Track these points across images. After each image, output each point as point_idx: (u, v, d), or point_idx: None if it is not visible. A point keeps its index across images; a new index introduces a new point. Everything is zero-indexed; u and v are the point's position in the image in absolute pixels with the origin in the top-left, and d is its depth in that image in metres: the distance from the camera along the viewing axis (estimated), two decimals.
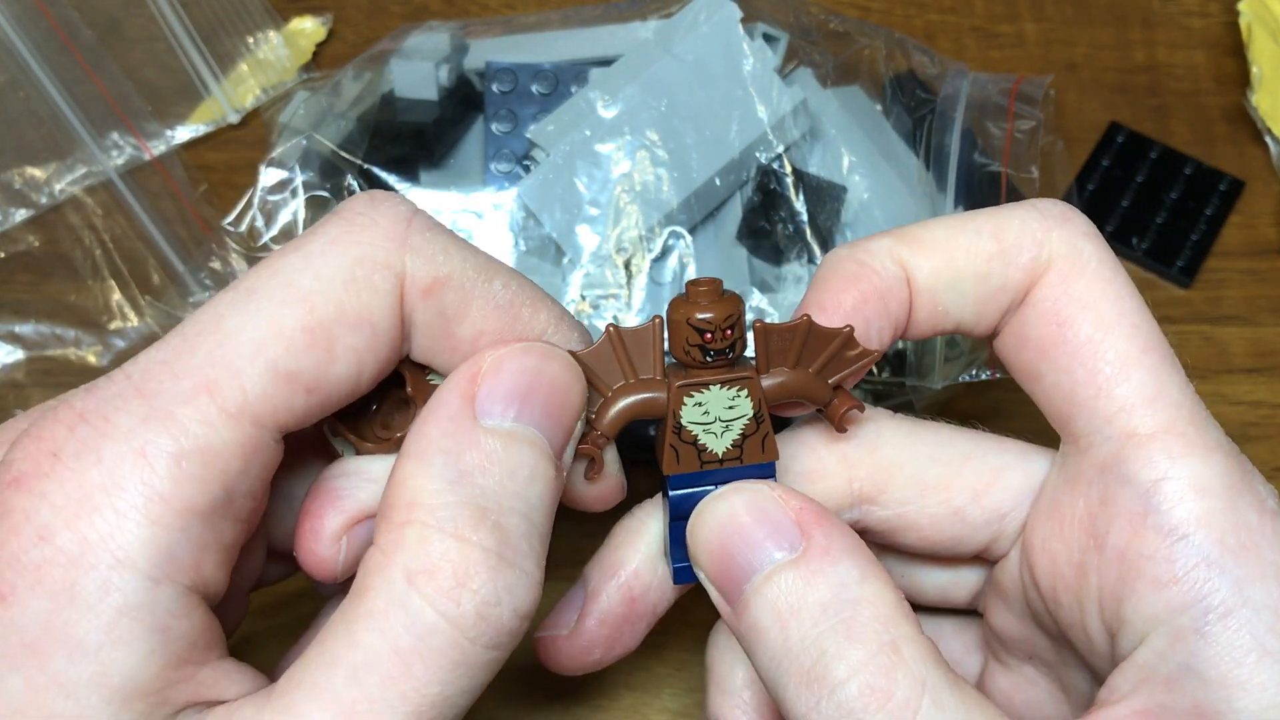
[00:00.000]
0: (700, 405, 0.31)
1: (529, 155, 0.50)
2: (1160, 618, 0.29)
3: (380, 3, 0.66)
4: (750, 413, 0.31)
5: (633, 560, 0.34)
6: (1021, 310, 0.32)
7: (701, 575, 0.31)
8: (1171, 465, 0.30)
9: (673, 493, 0.32)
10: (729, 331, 0.30)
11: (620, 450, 0.33)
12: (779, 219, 0.49)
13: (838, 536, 0.29)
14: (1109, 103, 0.63)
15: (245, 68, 0.63)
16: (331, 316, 0.28)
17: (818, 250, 0.49)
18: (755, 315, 0.48)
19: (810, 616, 0.28)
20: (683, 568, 0.32)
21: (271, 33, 0.63)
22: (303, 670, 0.27)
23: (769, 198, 0.49)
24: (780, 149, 0.49)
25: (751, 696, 0.36)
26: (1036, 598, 0.33)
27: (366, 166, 0.50)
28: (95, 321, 0.57)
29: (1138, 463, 0.30)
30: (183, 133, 0.61)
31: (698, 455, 0.32)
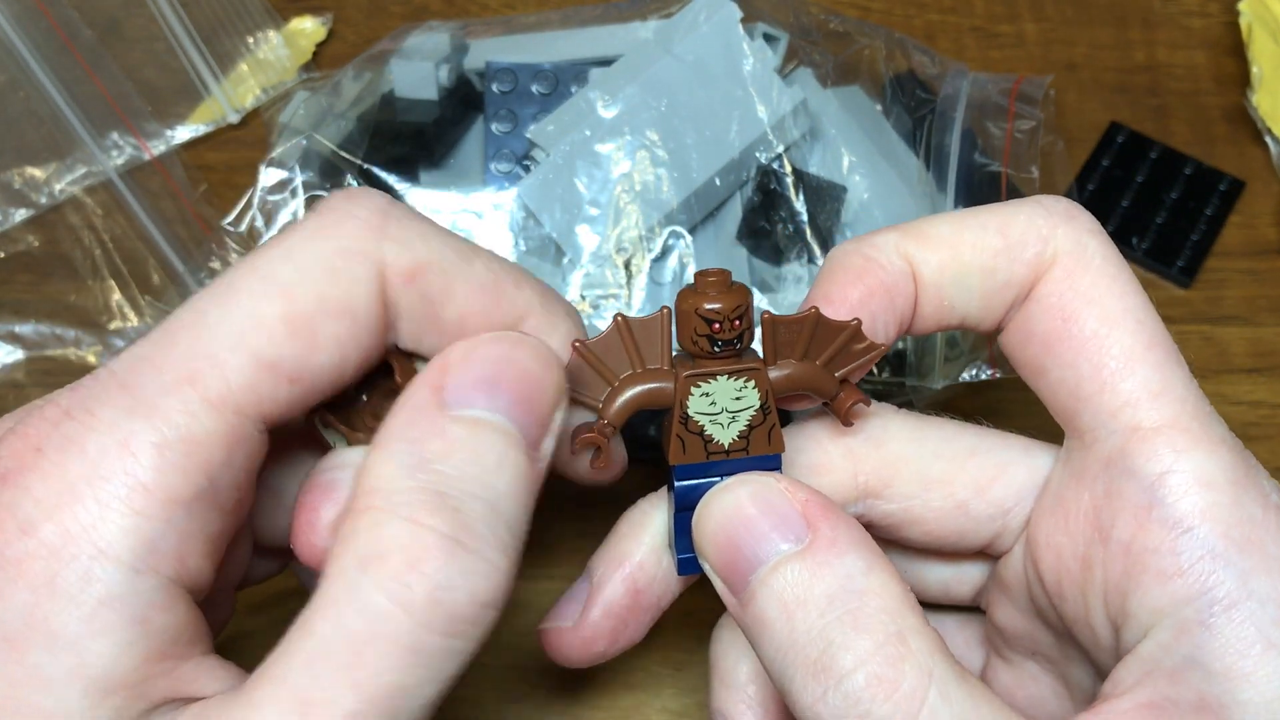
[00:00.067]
0: (707, 396, 0.31)
1: (529, 155, 0.50)
2: (1165, 610, 0.29)
3: (380, 3, 0.66)
4: (757, 404, 0.31)
5: (638, 552, 0.34)
6: (1026, 306, 0.32)
7: (707, 566, 0.31)
8: (1176, 459, 0.30)
9: (678, 484, 0.32)
10: (737, 322, 0.30)
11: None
12: (779, 219, 0.49)
13: (843, 528, 0.29)
14: (1109, 103, 0.63)
15: (245, 68, 0.63)
16: (312, 306, 0.28)
17: (818, 250, 0.49)
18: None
19: (816, 607, 0.28)
20: (688, 559, 0.32)
21: (271, 33, 0.63)
22: (266, 664, 0.27)
23: (769, 198, 0.49)
24: (780, 149, 0.49)
25: (756, 691, 0.36)
26: (1041, 592, 0.33)
27: (366, 166, 0.50)
28: (95, 321, 0.56)
29: (1143, 456, 0.30)
30: (183, 133, 0.61)
31: (704, 446, 0.32)
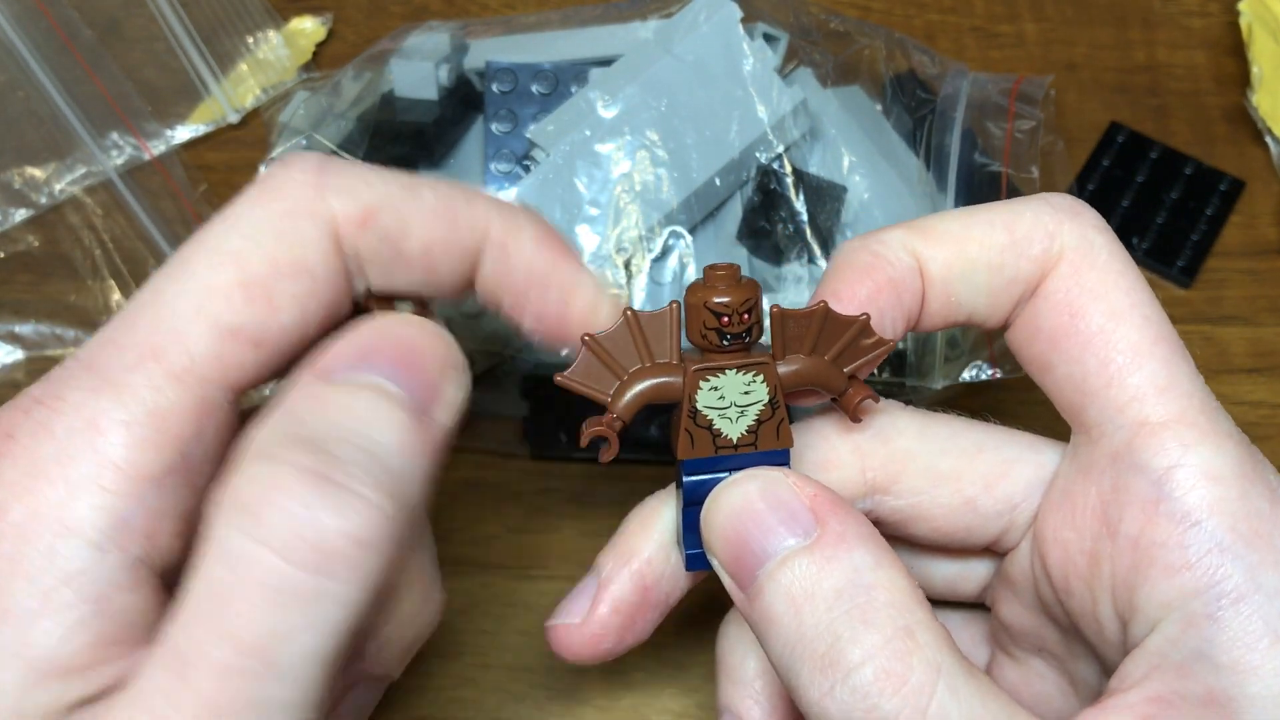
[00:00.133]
0: (716, 390, 0.31)
1: (529, 155, 0.50)
2: (1173, 604, 0.29)
3: (380, 3, 0.66)
4: (766, 398, 0.31)
5: (646, 548, 0.34)
6: (1033, 302, 0.32)
7: (715, 561, 0.31)
8: (1184, 453, 0.30)
9: (687, 478, 0.32)
10: (746, 316, 0.30)
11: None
12: (779, 219, 0.49)
13: (852, 523, 0.29)
14: (1109, 103, 0.63)
15: (245, 68, 0.63)
16: (265, 269, 0.29)
17: (818, 250, 0.49)
18: None
19: (824, 602, 0.28)
20: (696, 554, 0.32)
21: (271, 33, 0.63)
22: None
23: (769, 198, 0.49)
24: (780, 149, 0.49)
25: (763, 686, 0.36)
26: (1048, 588, 0.33)
27: None
28: (95, 321, 0.56)
29: (1150, 450, 0.30)
30: (183, 133, 0.61)
31: (712, 440, 0.31)
